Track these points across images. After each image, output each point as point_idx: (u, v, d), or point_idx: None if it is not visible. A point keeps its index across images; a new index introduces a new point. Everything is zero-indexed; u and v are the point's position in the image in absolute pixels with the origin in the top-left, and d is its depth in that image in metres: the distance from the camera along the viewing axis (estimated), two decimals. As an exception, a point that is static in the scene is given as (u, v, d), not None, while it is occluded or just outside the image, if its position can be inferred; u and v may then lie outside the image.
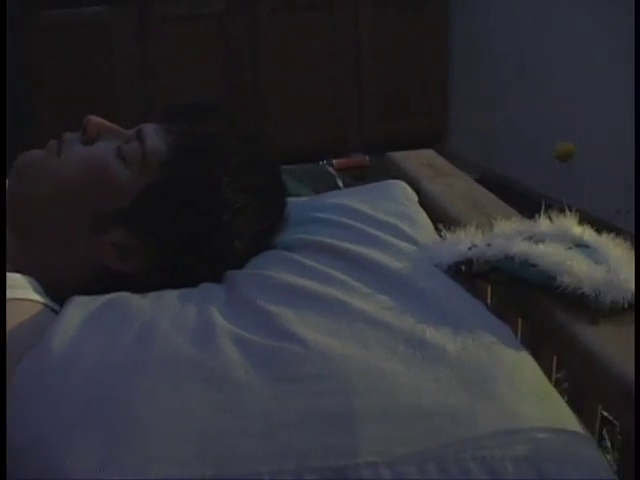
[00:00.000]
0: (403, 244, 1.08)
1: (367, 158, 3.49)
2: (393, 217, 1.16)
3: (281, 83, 4.12)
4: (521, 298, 1.05)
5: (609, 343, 0.89)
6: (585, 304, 0.95)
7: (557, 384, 1.04)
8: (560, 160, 3.49)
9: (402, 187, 1.30)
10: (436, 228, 1.17)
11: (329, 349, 0.85)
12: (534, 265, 0.99)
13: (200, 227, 1.07)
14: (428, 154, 1.57)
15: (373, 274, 1.00)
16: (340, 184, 1.67)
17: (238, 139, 1.14)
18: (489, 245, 1.03)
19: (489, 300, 1.17)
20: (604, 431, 1.17)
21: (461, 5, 4.28)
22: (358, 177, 1.71)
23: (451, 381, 0.82)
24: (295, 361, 0.83)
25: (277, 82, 4.11)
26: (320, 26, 4.14)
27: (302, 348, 0.85)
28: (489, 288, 1.16)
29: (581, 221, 1.09)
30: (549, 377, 1.03)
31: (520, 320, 1.10)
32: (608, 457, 1.06)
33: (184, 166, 1.07)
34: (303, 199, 1.32)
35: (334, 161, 3.49)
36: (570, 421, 0.83)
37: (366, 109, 4.28)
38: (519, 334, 1.09)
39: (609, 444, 1.36)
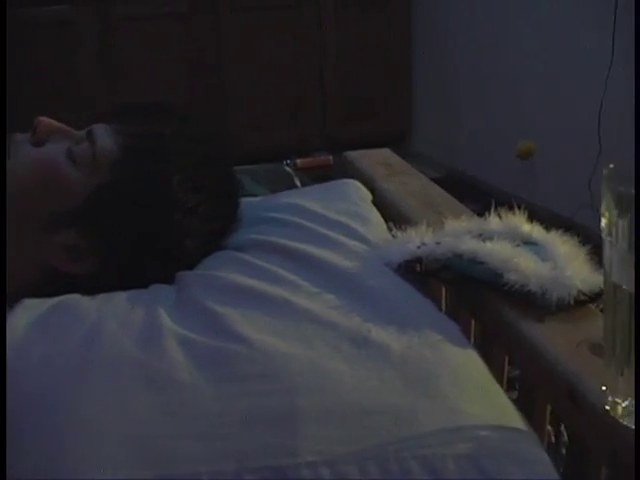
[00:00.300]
0: (353, 243, 1.08)
1: (331, 158, 3.50)
2: (345, 216, 1.16)
3: (245, 83, 4.10)
4: (471, 297, 1.05)
5: (555, 340, 0.89)
6: (532, 301, 0.95)
7: (511, 383, 1.04)
8: (521, 158, 3.52)
9: (356, 186, 1.30)
10: (389, 227, 1.17)
11: (274, 349, 0.85)
12: (482, 263, 0.99)
13: (151, 227, 1.06)
14: (384, 153, 1.56)
15: (322, 273, 1.00)
16: (298, 183, 1.65)
17: (190, 139, 1.13)
18: (438, 243, 1.03)
19: (444, 300, 1.17)
20: (562, 427, 1.17)
21: (423, 5, 4.29)
22: (322, 177, 1.70)
23: (394, 379, 0.82)
24: (239, 361, 0.83)
25: (241, 82, 4.10)
26: (284, 26, 4.14)
27: (246, 348, 0.85)
28: (444, 288, 1.16)
29: (542, 218, 1.09)
30: (502, 376, 1.03)
31: (473, 320, 1.10)
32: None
33: (135, 166, 1.07)
34: (257, 199, 1.32)
35: (298, 161, 3.50)
36: (514, 419, 0.83)
37: (330, 109, 4.28)
38: (472, 334, 1.10)
39: (567, 439, 1.36)
